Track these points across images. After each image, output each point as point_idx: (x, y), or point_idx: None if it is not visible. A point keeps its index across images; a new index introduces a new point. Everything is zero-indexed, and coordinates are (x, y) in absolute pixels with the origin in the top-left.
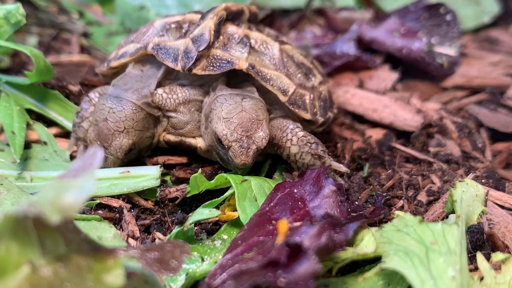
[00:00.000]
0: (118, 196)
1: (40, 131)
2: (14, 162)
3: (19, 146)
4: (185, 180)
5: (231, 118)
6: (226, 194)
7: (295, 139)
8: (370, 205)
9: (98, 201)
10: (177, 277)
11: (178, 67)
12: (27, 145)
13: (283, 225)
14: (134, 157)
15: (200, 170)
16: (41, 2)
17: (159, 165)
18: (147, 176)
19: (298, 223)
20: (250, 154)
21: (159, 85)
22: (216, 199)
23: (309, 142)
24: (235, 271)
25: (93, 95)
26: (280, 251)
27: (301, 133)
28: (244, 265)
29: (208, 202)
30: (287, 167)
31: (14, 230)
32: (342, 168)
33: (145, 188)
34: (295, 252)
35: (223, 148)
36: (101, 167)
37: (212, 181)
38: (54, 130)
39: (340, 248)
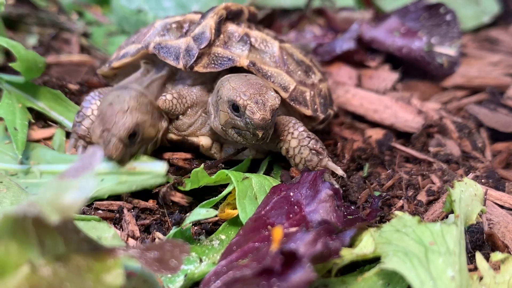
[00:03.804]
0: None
1: None
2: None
3: (21, 143)
4: (182, 169)
5: (240, 86)
6: (223, 193)
7: (296, 133)
8: (369, 205)
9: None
10: (176, 278)
11: (180, 65)
12: (29, 144)
13: (278, 232)
14: (137, 150)
15: (202, 165)
16: (41, 2)
17: (165, 161)
18: (153, 173)
19: (294, 229)
20: (268, 109)
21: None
22: (213, 198)
23: (308, 137)
24: (229, 279)
25: (94, 94)
26: (274, 259)
27: (301, 128)
28: (238, 272)
29: (206, 201)
30: (285, 166)
31: (14, 230)
32: (339, 170)
33: (152, 186)
34: (290, 259)
35: (238, 113)
36: (104, 157)
37: (213, 177)
38: (53, 130)
39: (336, 255)
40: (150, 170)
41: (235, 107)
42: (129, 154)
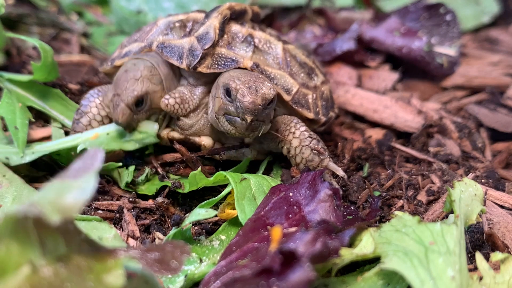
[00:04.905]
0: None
1: None
2: None
3: (22, 141)
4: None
5: (238, 74)
6: (222, 194)
7: (298, 133)
8: (369, 205)
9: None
10: (176, 279)
11: (183, 65)
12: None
13: (277, 232)
14: (144, 117)
15: (200, 168)
16: (41, 2)
17: (157, 124)
18: (146, 133)
19: (293, 229)
20: (259, 95)
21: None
22: (213, 198)
23: (310, 137)
24: (229, 279)
25: (93, 92)
26: (273, 258)
27: (303, 128)
28: (238, 272)
29: (205, 202)
30: (285, 166)
31: (15, 230)
32: (340, 171)
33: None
34: (290, 259)
35: (230, 98)
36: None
37: (211, 178)
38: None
39: (335, 255)
40: (143, 129)
41: (228, 92)
42: (136, 121)
